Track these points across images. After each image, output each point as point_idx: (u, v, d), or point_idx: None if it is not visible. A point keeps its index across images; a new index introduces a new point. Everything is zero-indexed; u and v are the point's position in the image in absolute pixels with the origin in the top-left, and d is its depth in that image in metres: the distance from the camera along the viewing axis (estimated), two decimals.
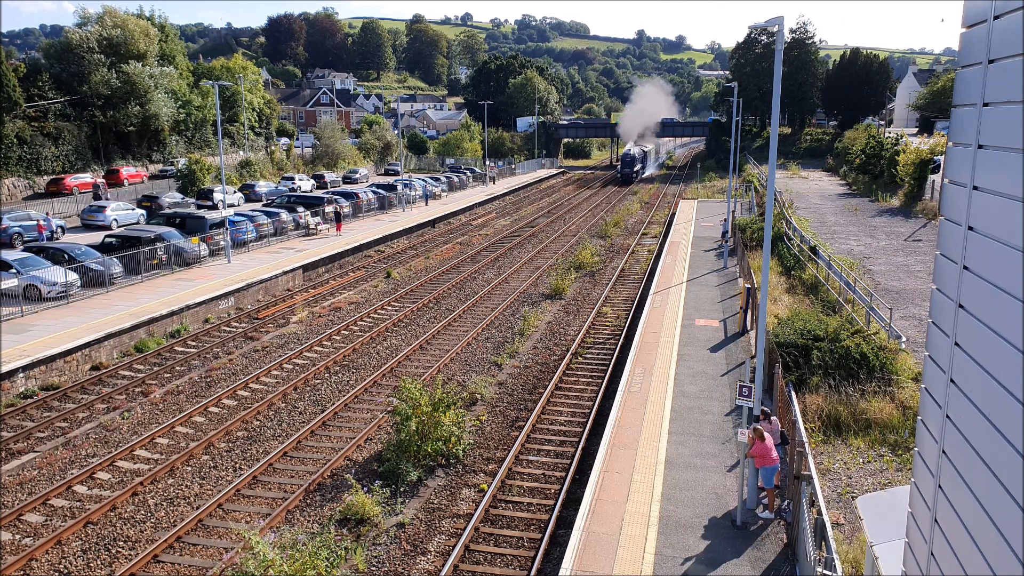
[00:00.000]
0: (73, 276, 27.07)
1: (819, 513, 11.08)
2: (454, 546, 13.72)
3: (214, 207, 47.80)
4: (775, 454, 13.48)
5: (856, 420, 17.42)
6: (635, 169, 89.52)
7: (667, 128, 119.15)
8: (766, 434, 13.43)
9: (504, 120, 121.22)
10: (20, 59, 73.24)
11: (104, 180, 50.33)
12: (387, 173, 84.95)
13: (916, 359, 20.04)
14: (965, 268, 4.41)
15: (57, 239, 37.11)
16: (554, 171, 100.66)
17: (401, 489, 15.71)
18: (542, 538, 13.91)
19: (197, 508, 14.97)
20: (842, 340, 19.07)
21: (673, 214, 55.91)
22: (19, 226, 36.29)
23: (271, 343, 25.51)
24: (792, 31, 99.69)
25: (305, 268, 34.98)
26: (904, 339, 21.50)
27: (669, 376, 20.63)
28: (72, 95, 54.24)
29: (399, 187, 56.75)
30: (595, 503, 13.85)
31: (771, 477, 13.39)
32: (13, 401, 19.76)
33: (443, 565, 13.13)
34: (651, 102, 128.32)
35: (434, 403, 16.81)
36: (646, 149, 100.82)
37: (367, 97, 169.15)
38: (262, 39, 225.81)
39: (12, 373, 20.07)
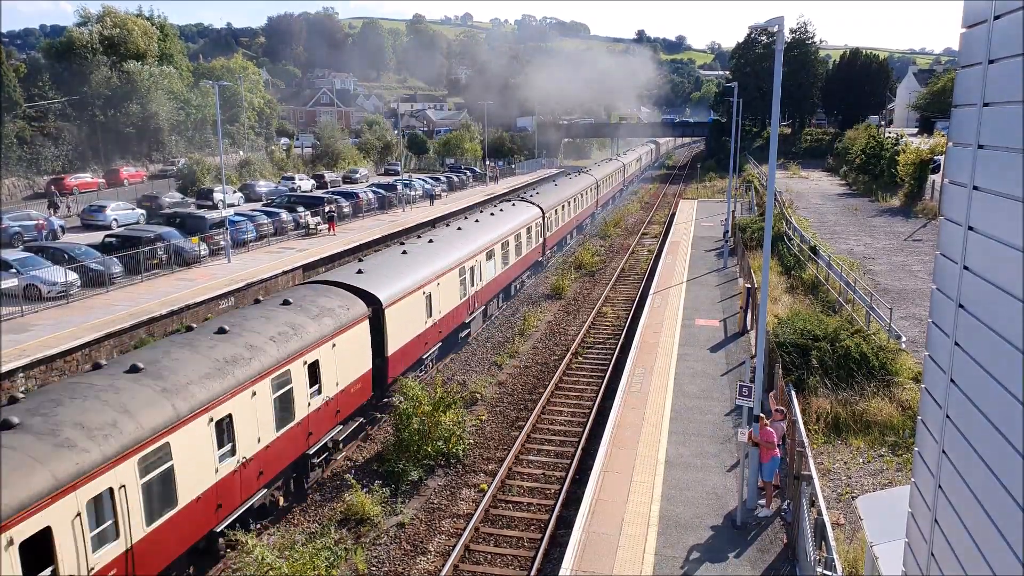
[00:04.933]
0: (73, 276, 27.05)
1: (819, 513, 11.08)
2: (454, 546, 13.71)
3: (214, 207, 47.75)
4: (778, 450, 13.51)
5: (856, 420, 17.40)
6: None
7: (668, 128, 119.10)
8: (774, 425, 13.50)
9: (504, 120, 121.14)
10: (20, 59, 73.16)
11: (58, 186, 47.61)
12: (387, 173, 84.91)
13: (916, 359, 20.02)
14: (965, 268, 4.40)
15: (57, 239, 37.10)
16: (554, 171, 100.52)
17: (401, 489, 15.70)
18: (542, 538, 13.91)
19: None
20: (842, 340, 19.05)
21: (673, 214, 55.89)
22: (19, 226, 36.28)
23: None
24: (792, 31, 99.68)
25: (305, 268, 34.95)
26: (904, 339, 21.49)
27: (669, 376, 20.62)
28: (72, 95, 54.23)
29: (399, 187, 56.73)
30: (595, 503, 13.84)
31: (772, 471, 13.41)
32: None
33: (443, 565, 13.12)
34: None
35: (435, 403, 16.81)
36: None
37: (367, 97, 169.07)
38: (262, 39, 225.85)
39: (12, 373, 20.05)
